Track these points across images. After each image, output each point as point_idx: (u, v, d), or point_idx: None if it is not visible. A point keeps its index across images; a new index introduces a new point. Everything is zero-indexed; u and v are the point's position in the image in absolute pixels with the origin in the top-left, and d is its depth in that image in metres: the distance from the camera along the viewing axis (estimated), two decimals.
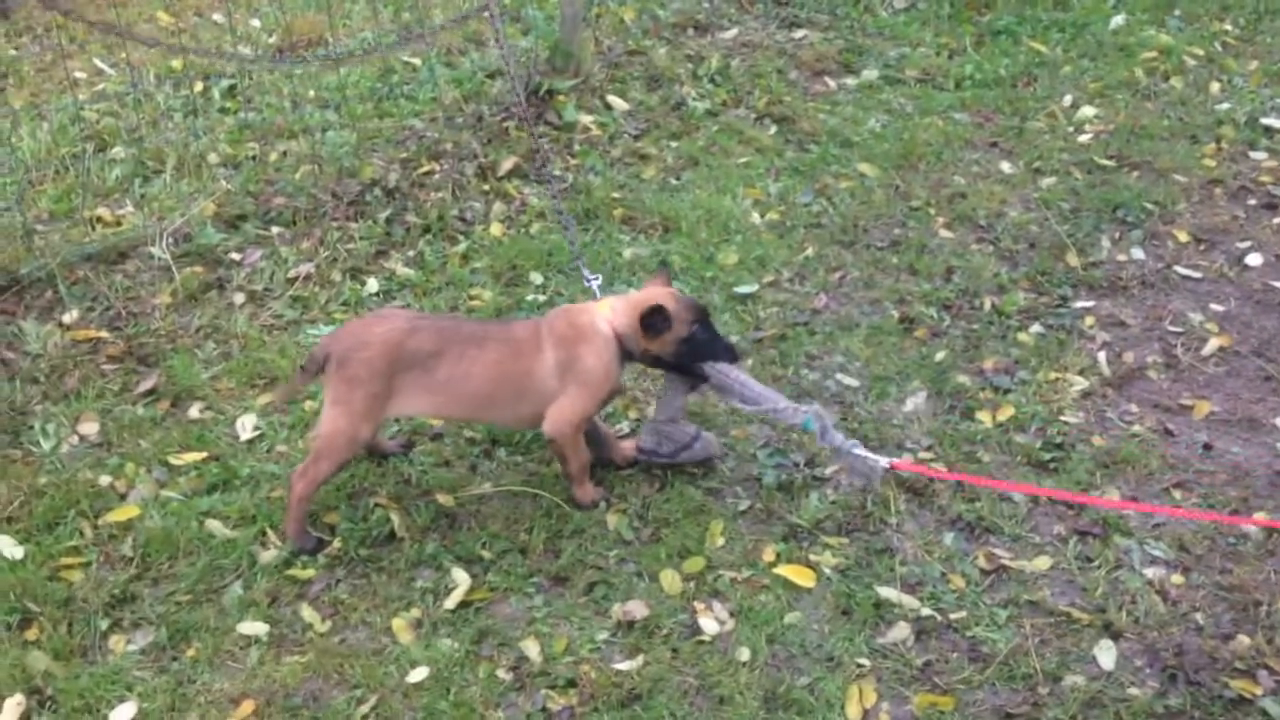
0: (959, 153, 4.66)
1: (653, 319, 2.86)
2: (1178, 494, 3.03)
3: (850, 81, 5.24)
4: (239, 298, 3.81)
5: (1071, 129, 4.79)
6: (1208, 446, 3.19)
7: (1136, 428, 3.25)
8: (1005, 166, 4.56)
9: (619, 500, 3.04)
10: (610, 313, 2.93)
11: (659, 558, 2.86)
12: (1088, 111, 4.88)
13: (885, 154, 4.62)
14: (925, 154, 4.63)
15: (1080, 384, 3.41)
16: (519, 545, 2.91)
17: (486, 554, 2.88)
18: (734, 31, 5.56)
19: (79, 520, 2.97)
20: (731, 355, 2.96)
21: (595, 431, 3.06)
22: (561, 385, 2.89)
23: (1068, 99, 4.99)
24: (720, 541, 2.91)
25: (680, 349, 2.91)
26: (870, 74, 5.25)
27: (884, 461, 2.80)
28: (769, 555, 2.87)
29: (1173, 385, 3.44)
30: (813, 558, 2.85)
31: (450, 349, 2.86)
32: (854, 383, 3.44)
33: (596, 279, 3.30)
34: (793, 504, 3.02)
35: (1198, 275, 3.91)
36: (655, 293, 2.95)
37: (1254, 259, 3.95)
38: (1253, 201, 4.28)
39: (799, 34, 5.58)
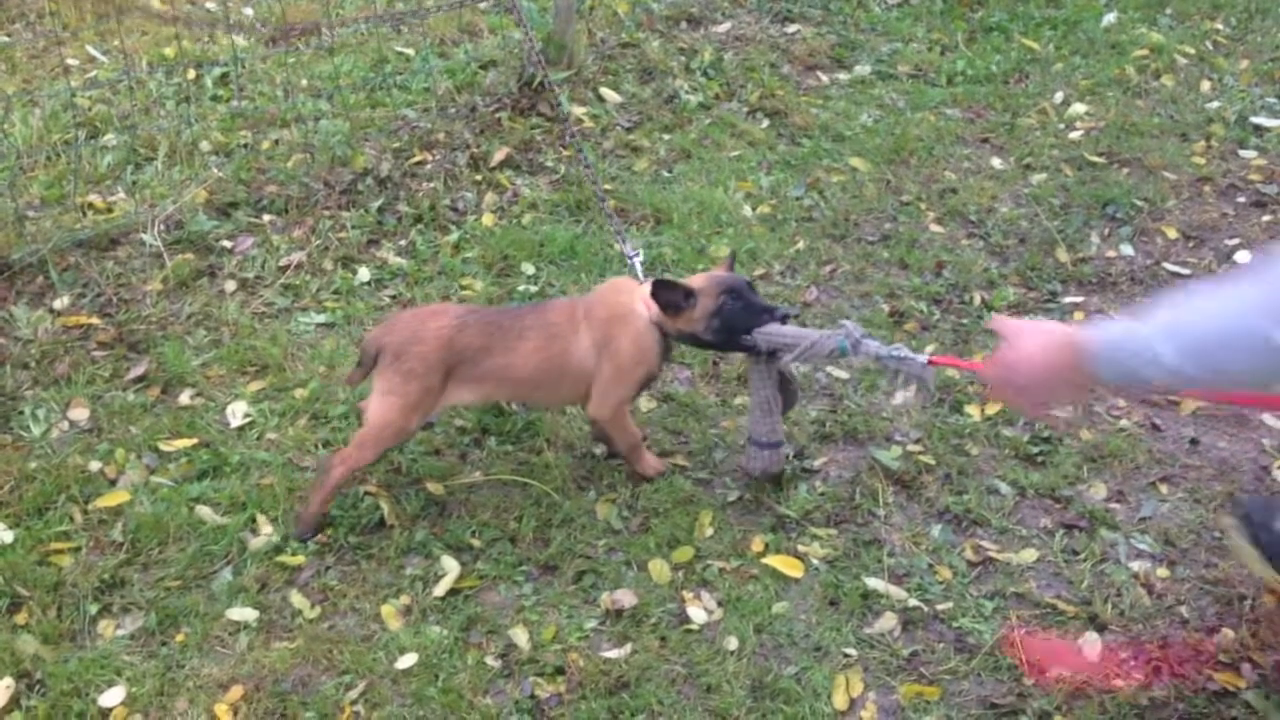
0: (950, 148, 4.68)
1: (662, 293, 2.85)
2: (1164, 488, 3.05)
3: (843, 76, 5.25)
4: (230, 285, 3.80)
5: (1062, 125, 4.81)
6: (1194, 441, 3.21)
7: (1124, 422, 3.27)
8: (996, 162, 4.57)
9: (608, 490, 3.05)
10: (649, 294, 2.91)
11: (648, 547, 2.87)
12: (1079, 108, 4.90)
13: (877, 149, 4.64)
14: (917, 149, 4.64)
15: None
16: (508, 534, 2.92)
17: (476, 542, 2.89)
18: (727, 25, 5.57)
19: (69, 505, 2.97)
20: (772, 313, 2.84)
21: None
22: (598, 366, 2.90)
23: (1059, 96, 5.01)
24: (709, 532, 2.92)
25: (712, 323, 2.85)
26: (863, 69, 5.26)
27: (922, 358, 2.72)
28: (757, 545, 2.88)
29: None
30: (801, 548, 2.87)
31: (496, 342, 2.88)
32: (844, 375, 3.45)
33: (638, 255, 3.20)
34: (781, 495, 3.03)
35: (1186, 272, 3.93)
36: (697, 276, 2.95)
37: (1242, 256, 3.97)
38: (1242, 199, 4.31)
39: (792, 28, 5.59)
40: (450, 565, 2.81)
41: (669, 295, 2.85)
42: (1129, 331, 1.91)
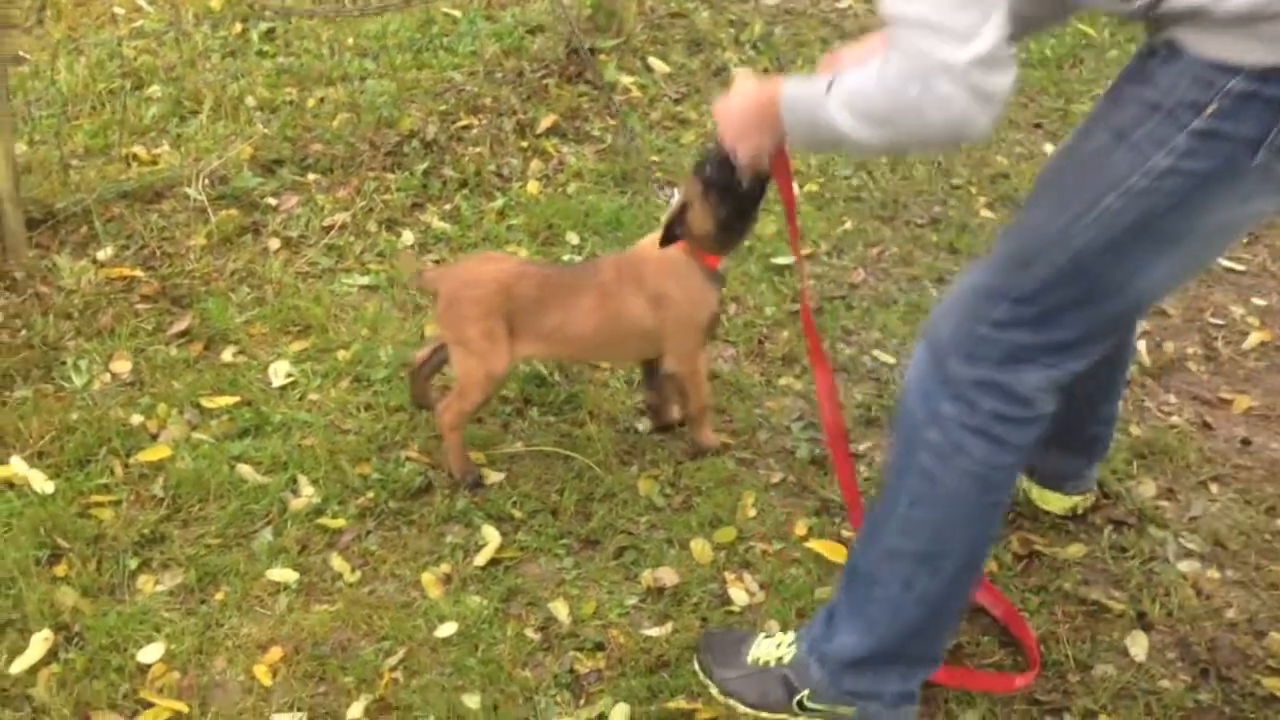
0: (1002, 132, 4.61)
1: (666, 235, 2.78)
2: (1214, 488, 3.00)
3: None
4: (274, 243, 3.78)
5: None
6: (1246, 441, 3.16)
7: (1175, 419, 3.23)
8: (1049, 149, 4.50)
9: (650, 466, 3.03)
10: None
11: (690, 526, 2.84)
12: None
13: None
14: None
15: None
16: (550, 506, 2.90)
17: (517, 513, 2.87)
18: None
19: (110, 458, 2.96)
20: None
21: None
22: (659, 320, 2.87)
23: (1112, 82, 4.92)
24: (752, 513, 2.89)
25: (713, 202, 2.72)
26: None
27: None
28: (800, 529, 2.85)
29: (1212, 378, 3.41)
30: (845, 533, 2.83)
31: (554, 296, 2.87)
32: (890, 360, 3.41)
33: (671, 193, 3.06)
34: (825, 479, 3.00)
35: (1240, 269, 3.86)
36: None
37: None
38: None
39: (844, 3, 5.52)
40: (491, 535, 2.80)
41: (669, 230, 2.78)
42: (811, 90, 2.02)
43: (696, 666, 2.46)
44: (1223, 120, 1.80)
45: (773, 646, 2.41)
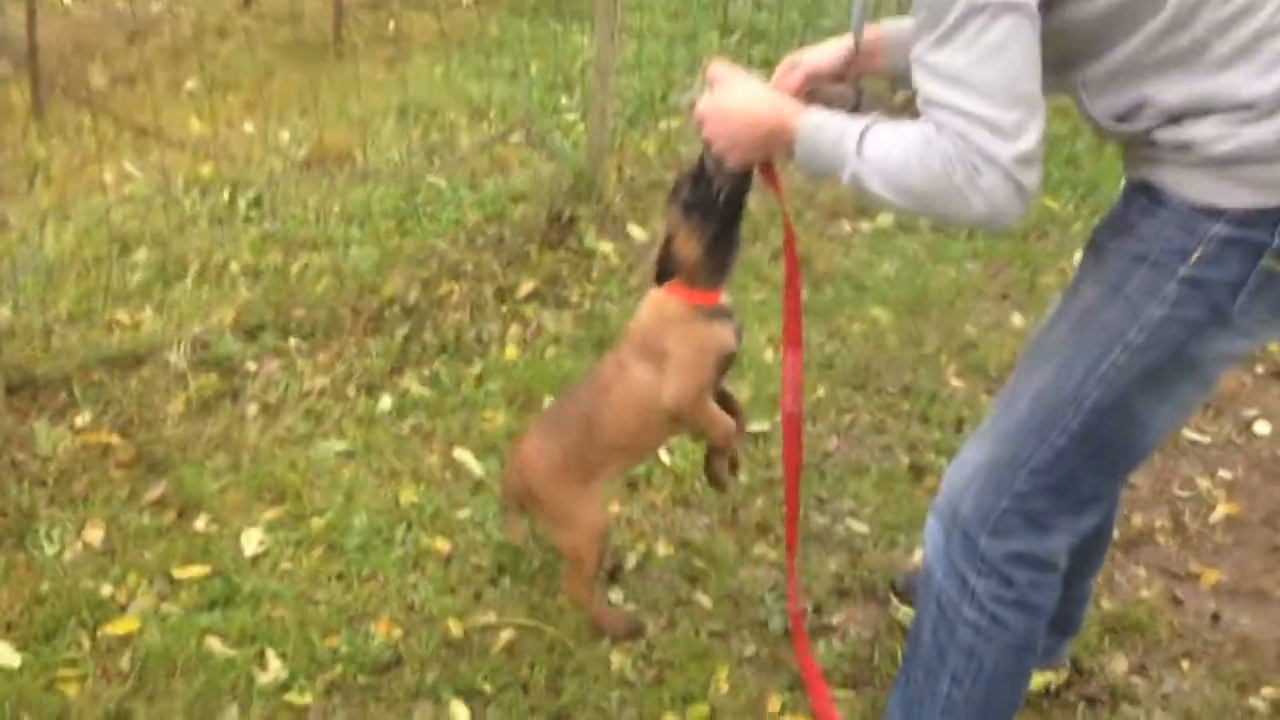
0: (971, 302, 4.72)
1: (659, 273, 2.67)
2: (1186, 664, 3.00)
3: (865, 226, 5.33)
4: (252, 409, 3.81)
5: None
6: (1215, 616, 3.17)
7: (1145, 592, 3.24)
8: (1016, 319, 4.61)
9: (623, 640, 3.01)
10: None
11: (662, 702, 2.82)
12: None
13: (898, 299, 4.68)
14: (937, 301, 4.68)
15: None
16: (520, 680, 2.87)
17: (487, 687, 2.84)
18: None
19: (78, 630, 2.93)
20: (708, 149, 2.38)
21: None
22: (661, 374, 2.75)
23: (1078, 255, 5.03)
24: (725, 688, 2.87)
25: (694, 220, 2.60)
26: (885, 220, 5.33)
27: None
28: (774, 705, 2.82)
29: (1181, 551, 3.43)
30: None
31: (590, 416, 2.84)
32: (863, 529, 3.43)
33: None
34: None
35: (1206, 440, 3.92)
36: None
37: (1261, 427, 3.98)
38: (1260, 369, 4.32)
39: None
40: (460, 713, 2.76)
41: (662, 266, 2.66)
42: (840, 137, 1.99)
43: None
44: (1208, 266, 1.84)
45: None
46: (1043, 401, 2.07)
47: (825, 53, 2.39)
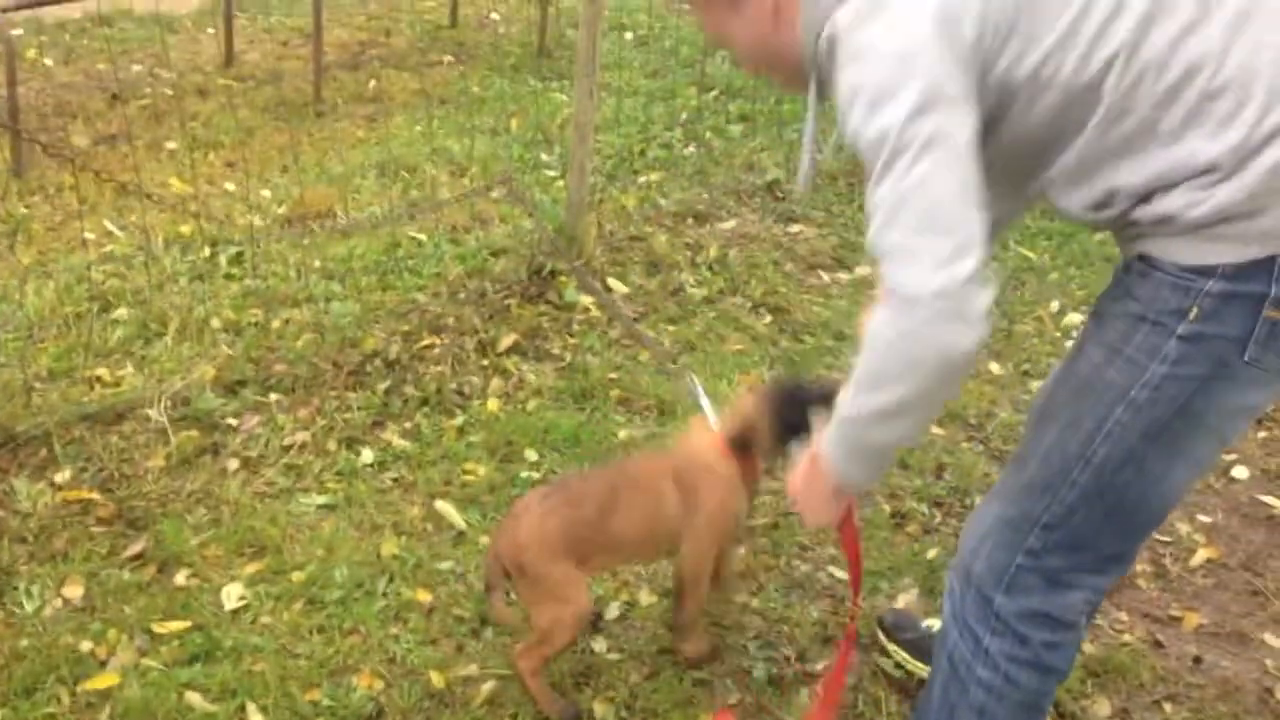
0: None
1: (734, 448, 2.88)
2: (1168, 707, 3.01)
3: (844, 276, 5.38)
4: (233, 464, 3.81)
5: (1059, 334, 4.91)
6: (1197, 660, 3.18)
7: (1127, 636, 3.25)
8: (994, 367, 4.65)
9: (606, 689, 3.01)
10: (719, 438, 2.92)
11: None
12: (1074, 318, 5.01)
13: None
14: None
15: None
16: None
17: None
18: (732, 223, 5.73)
19: (57, 686, 2.91)
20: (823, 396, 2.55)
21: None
22: (686, 519, 2.89)
23: (1055, 304, 5.13)
24: None
25: (786, 430, 2.76)
26: (863, 270, 5.39)
27: None
28: None
29: (1162, 595, 3.45)
30: None
31: (610, 508, 2.87)
32: (846, 576, 3.44)
33: (696, 384, 3.28)
34: (783, 699, 2.98)
35: None
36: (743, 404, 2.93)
37: (1240, 472, 4.01)
38: None
39: (794, 228, 5.75)
40: None
41: (741, 444, 2.87)
42: (831, 422, 2.12)
43: None
44: (1206, 322, 1.86)
45: None
46: (1051, 459, 2.09)
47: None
